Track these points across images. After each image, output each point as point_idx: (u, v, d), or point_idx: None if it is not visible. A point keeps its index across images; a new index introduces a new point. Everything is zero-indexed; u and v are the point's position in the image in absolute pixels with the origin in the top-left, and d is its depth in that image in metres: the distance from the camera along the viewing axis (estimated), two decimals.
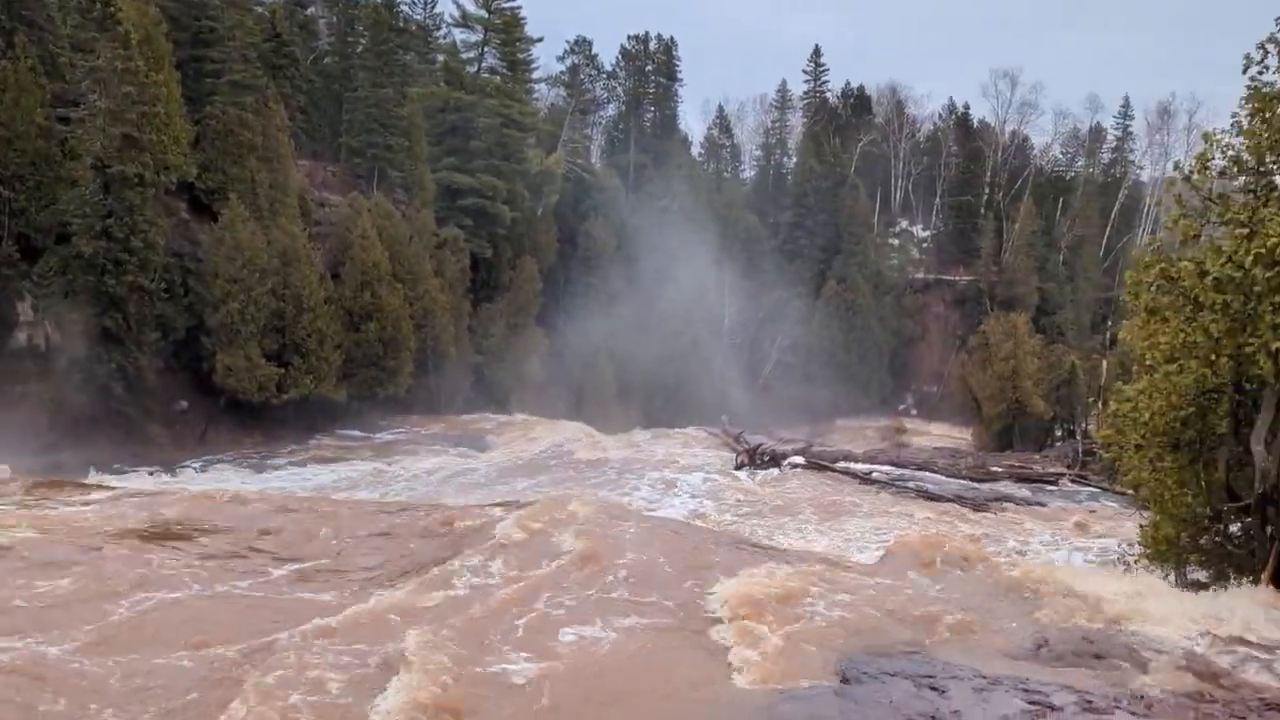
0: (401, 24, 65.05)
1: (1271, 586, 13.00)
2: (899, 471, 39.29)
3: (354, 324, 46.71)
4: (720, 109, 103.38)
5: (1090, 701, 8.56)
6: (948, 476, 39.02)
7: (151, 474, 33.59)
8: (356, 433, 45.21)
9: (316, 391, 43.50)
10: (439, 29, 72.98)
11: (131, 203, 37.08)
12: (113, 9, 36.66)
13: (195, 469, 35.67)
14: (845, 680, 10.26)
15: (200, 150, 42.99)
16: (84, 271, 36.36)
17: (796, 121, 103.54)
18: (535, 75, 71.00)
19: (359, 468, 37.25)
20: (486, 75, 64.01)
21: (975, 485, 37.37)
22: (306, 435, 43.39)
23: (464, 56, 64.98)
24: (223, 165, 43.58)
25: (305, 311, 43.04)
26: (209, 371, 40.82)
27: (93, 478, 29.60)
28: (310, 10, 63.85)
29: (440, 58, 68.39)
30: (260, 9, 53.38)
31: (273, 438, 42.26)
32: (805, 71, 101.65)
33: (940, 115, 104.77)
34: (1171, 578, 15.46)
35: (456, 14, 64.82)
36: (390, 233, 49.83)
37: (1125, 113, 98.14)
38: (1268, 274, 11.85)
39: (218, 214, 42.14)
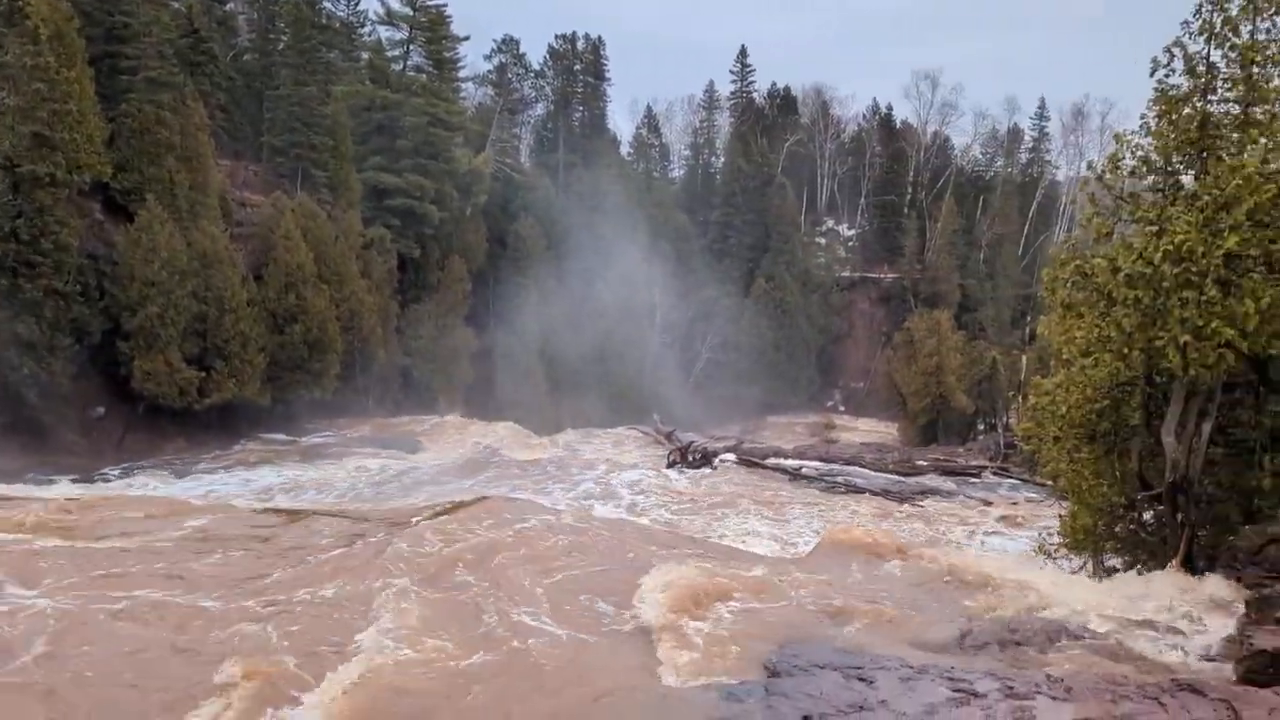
0: (324, 21, 63.94)
1: (1182, 571, 13.51)
2: (828, 467, 39.90)
3: (278, 326, 45.83)
4: (649, 109, 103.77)
5: (1012, 688, 8.80)
6: (875, 471, 39.72)
7: (74, 481, 32.54)
8: (282, 436, 44.36)
9: (240, 395, 42.60)
10: (363, 26, 71.91)
11: (42, 203, 35.88)
12: (21, 3, 35.38)
13: (113, 477, 34.66)
14: (774, 674, 10.40)
15: (115, 149, 41.69)
16: None
17: (724, 122, 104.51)
18: (462, 74, 70.57)
19: (284, 472, 36.56)
20: (412, 74, 63.32)
21: (902, 479, 38.11)
22: (230, 440, 42.44)
23: (389, 55, 64.21)
24: (139, 165, 42.32)
25: (227, 314, 42.10)
26: (127, 376, 39.69)
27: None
28: (229, 6, 62.39)
29: (365, 55, 67.46)
30: (177, 4, 51.98)
31: (195, 443, 41.25)
32: (732, 72, 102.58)
33: (864, 116, 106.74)
34: (1089, 565, 15.97)
35: (381, 11, 64.21)
36: (315, 233, 48.98)
37: (1041, 114, 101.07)
38: (1175, 270, 12.30)
39: (134, 215, 40.96)
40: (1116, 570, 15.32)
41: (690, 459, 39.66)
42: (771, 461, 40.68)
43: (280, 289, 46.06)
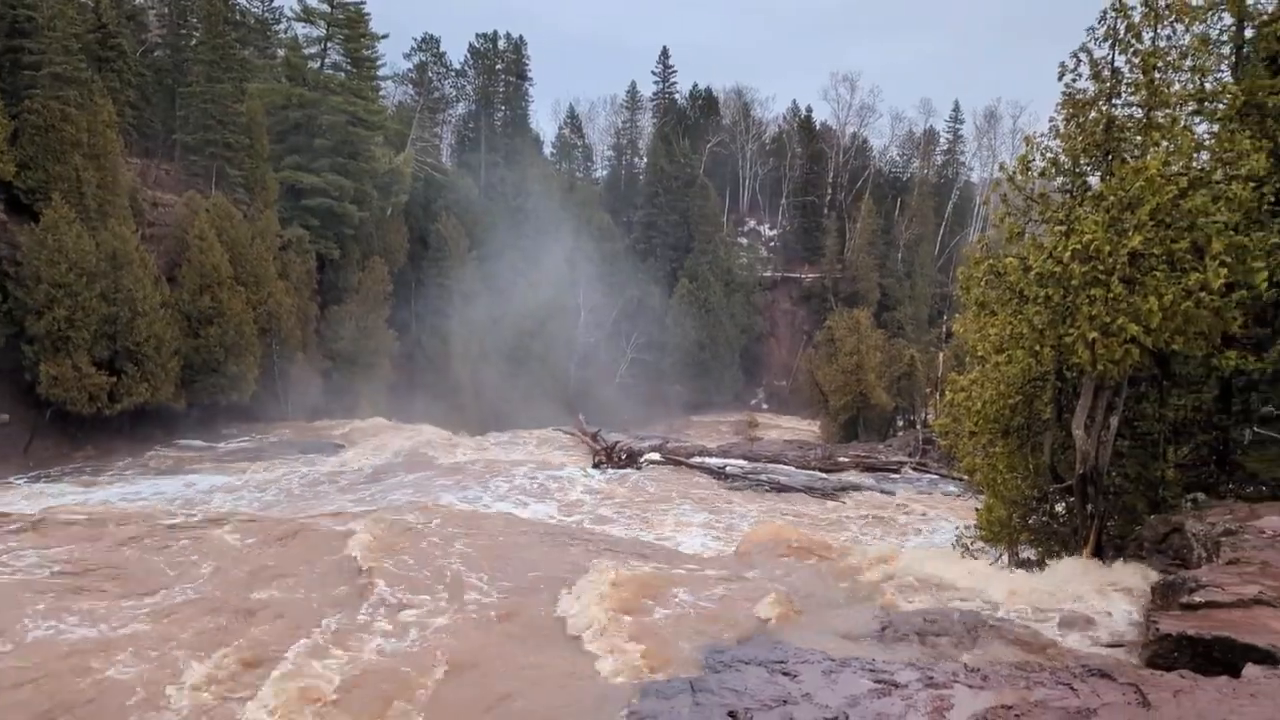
0: (238, 17, 62.58)
1: (1092, 560, 13.95)
2: (752, 465, 40.33)
3: (193, 329, 44.69)
4: (571, 109, 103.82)
5: (931, 677, 9.00)
6: (798, 468, 40.25)
7: None
8: (198, 442, 43.23)
9: (153, 400, 41.45)
10: (279, 23, 70.51)
11: None
12: None
13: (19, 485, 33.42)
14: (701, 669, 10.49)
15: (18, 147, 40.21)
16: None
17: (647, 122, 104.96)
18: (382, 73, 69.44)
19: (199, 479, 35.60)
20: (330, 72, 62.20)
21: (824, 476, 38.69)
22: (143, 446, 41.21)
23: (306, 52, 62.95)
24: (44, 163, 40.86)
25: (139, 316, 40.89)
26: (33, 382, 38.33)
27: None
28: (138, 0, 60.57)
29: (281, 53, 66.08)
30: None
31: (105, 450, 39.98)
32: (654, 74, 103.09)
33: (784, 118, 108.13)
34: (1005, 557, 16.40)
35: (297, 8, 62.71)
36: (231, 234, 47.83)
37: (956, 117, 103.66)
38: (1083, 268, 12.70)
39: (39, 215, 39.55)
40: (1031, 561, 15.76)
41: (616, 459, 39.70)
42: (696, 460, 40.94)
43: (195, 291, 44.94)
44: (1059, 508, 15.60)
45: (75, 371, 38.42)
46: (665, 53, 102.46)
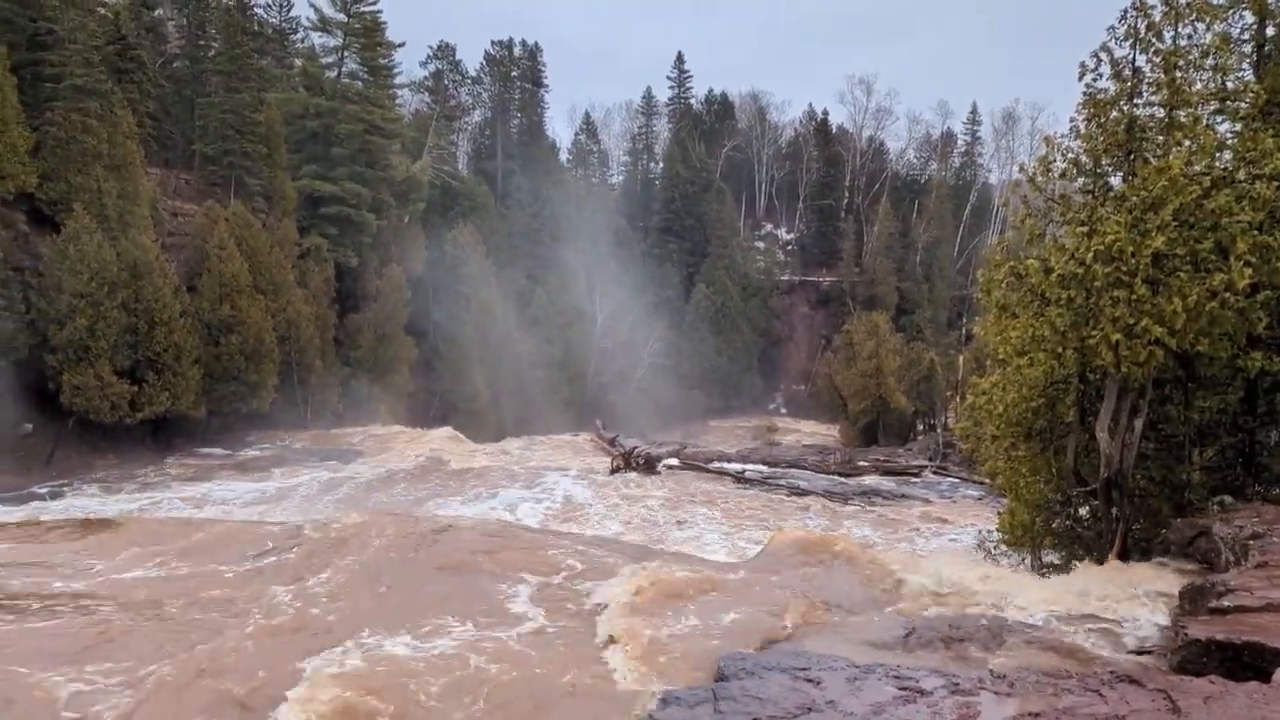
0: (256, 27, 62.97)
1: (1118, 565, 13.80)
2: (771, 470, 40.19)
3: (213, 338, 44.95)
4: (587, 115, 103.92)
5: (957, 684, 8.90)
6: (817, 473, 40.10)
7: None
8: (218, 450, 43.47)
9: (174, 409, 41.70)
10: (296, 33, 71.04)
11: None
12: None
13: (43, 495, 33.65)
14: (722, 677, 10.41)
15: (40, 159, 40.57)
16: None
17: (662, 128, 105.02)
18: (398, 81, 69.88)
19: (219, 487, 35.75)
20: (347, 81, 62.55)
21: (844, 480, 38.52)
22: (164, 455, 41.50)
23: (323, 61, 63.40)
24: (65, 174, 41.23)
25: (159, 326, 41.16)
26: (55, 391, 38.62)
27: None
28: (158, 12, 61.10)
29: (298, 62, 66.55)
30: (103, 10, 50.76)
31: (128, 459, 40.24)
32: (670, 78, 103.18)
33: (800, 121, 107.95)
34: (1028, 561, 16.25)
35: (314, 18, 63.14)
36: (250, 242, 48.13)
37: (974, 118, 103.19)
38: (1106, 270, 12.59)
39: (61, 225, 39.91)
40: (1055, 565, 15.61)
41: (634, 465, 39.62)
42: (715, 465, 40.85)
43: (215, 300, 45.20)
44: (1083, 511, 15.45)
45: (97, 381, 38.69)
46: (680, 58, 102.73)
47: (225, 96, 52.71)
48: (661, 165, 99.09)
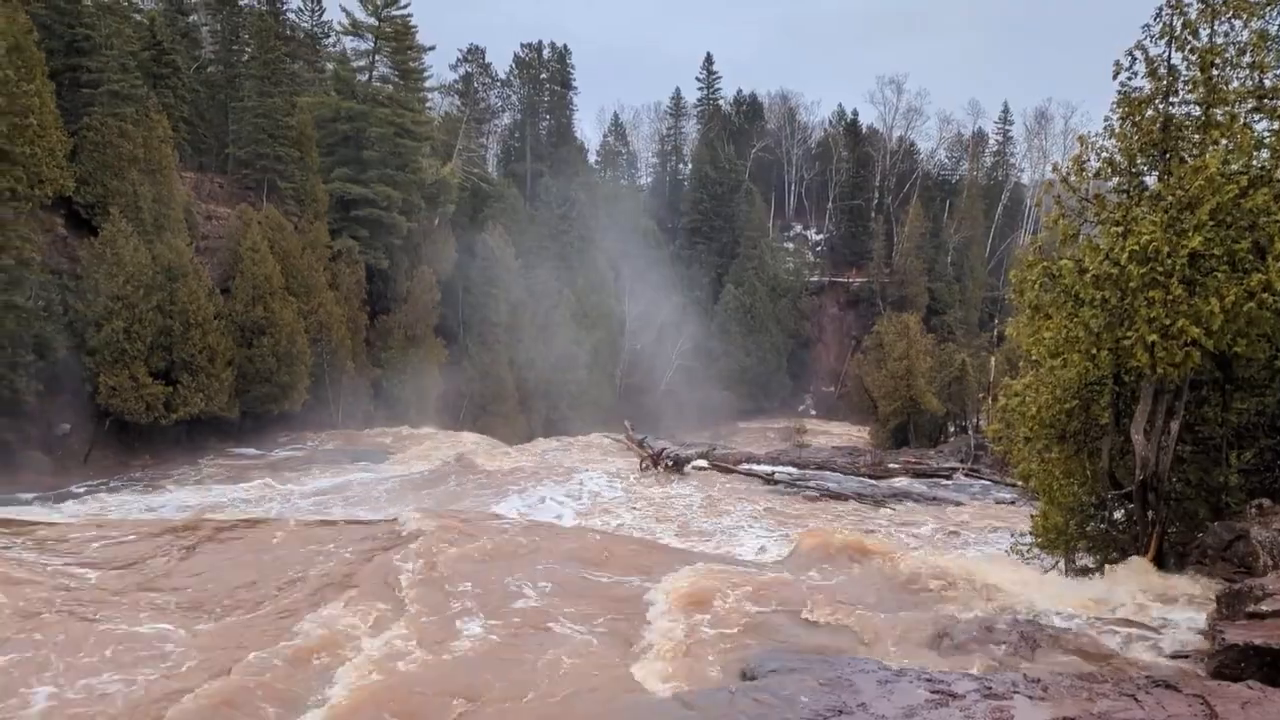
0: (288, 32, 63.63)
1: (1154, 568, 13.65)
2: (801, 471, 40.01)
3: (246, 339, 45.46)
4: (615, 117, 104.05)
5: (990, 688, 8.85)
6: (847, 474, 39.88)
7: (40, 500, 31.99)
8: (251, 451, 43.91)
9: (208, 410, 42.21)
10: (327, 37, 71.64)
11: (2, 218, 35.42)
12: None
13: (80, 494, 34.12)
14: (752, 678, 10.41)
15: (78, 163, 41.22)
16: None
17: (691, 129, 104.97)
18: (428, 84, 70.25)
19: (251, 487, 36.04)
20: (378, 84, 63.00)
21: (874, 482, 38.27)
22: (198, 455, 41.98)
23: (354, 65, 63.86)
24: (102, 178, 41.88)
25: (194, 328, 41.69)
26: (92, 392, 39.20)
27: None
28: (192, 18, 61.86)
29: (330, 66, 67.11)
30: (139, 16, 51.49)
31: (162, 459, 40.77)
32: (698, 79, 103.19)
33: (830, 122, 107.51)
34: (1062, 564, 16.09)
35: (345, 22, 63.63)
36: (282, 245, 48.64)
37: (1005, 118, 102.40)
38: (1141, 270, 12.45)
39: (98, 229, 40.52)
40: (1089, 569, 15.45)
41: (663, 466, 39.61)
42: (744, 467, 40.72)
43: (248, 301, 45.71)
44: (1118, 514, 15.28)
45: (133, 382, 39.23)
46: (709, 59, 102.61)
47: (258, 101, 53.30)
48: (690, 166, 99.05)
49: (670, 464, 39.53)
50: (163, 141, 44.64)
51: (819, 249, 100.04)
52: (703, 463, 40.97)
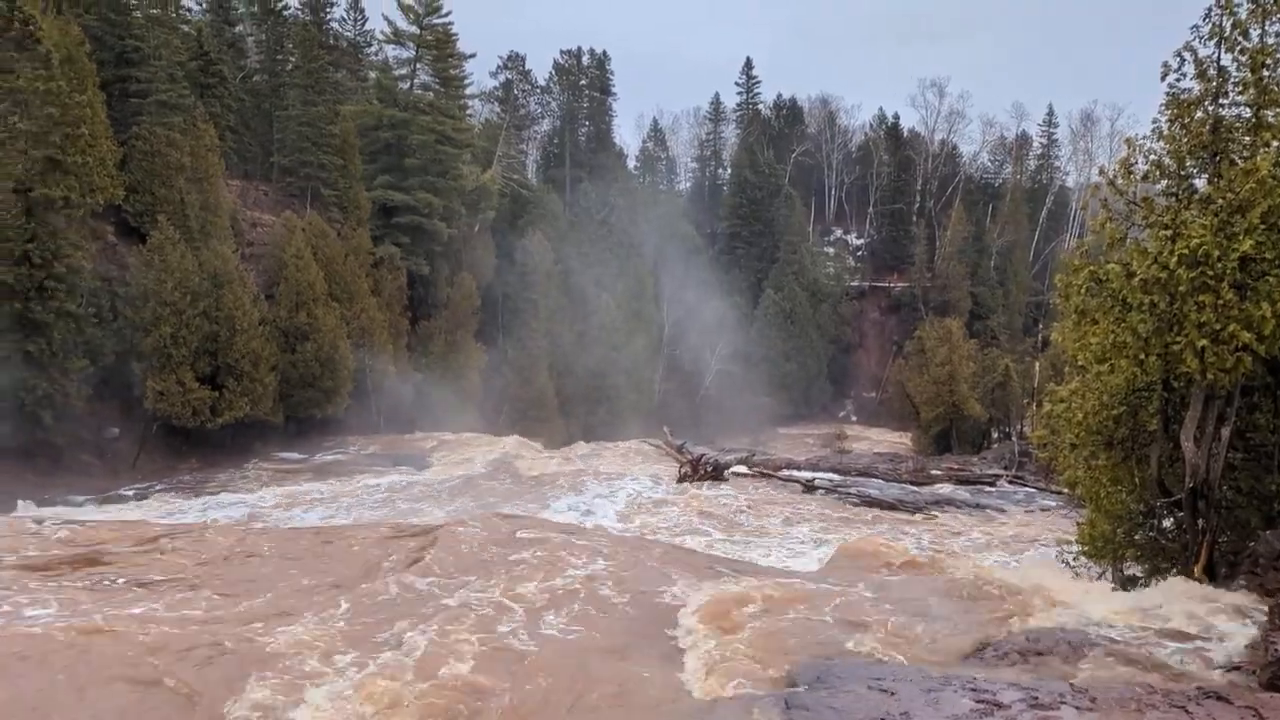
0: (331, 41, 64.42)
1: (1204, 578, 13.39)
2: (841, 478, 39.74)
3: (290, 345, 46.04)
4: (655, 122, 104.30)
5: (1036, 698, 8.73)
6: (889, 481, 39.53)
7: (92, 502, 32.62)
8: (295, 454, 44.45)
9: (252, 414, 42.78)
10: (370, 46, 72.59)
11: (55, 226, 36.20)
12: (33, 29, 35.69)
13: (129, 497, 34.73)
14: (796, 687, 10.35)
15: (127, 172, 42.06)
16: (6, 298, 35.24)
17: (730, 134, 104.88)
18: (469, 91, 70.78)
19: (297, 490, 36.51)
20: (420, 92, 63.59)
21: (916, 489, 37.90)
22: (243, 459, 42.55)
23: (396, 73, 64.52)
24: (151, 186, 42.70)
25: (239, 333, 42.30)
26: (140, 397, 39.89)
27: (22, 511, 28.78)
28: (238, 29, 62.88)
29: (372, 75, 67.87)
30: (186, 28, 52.45)
31: (208, 462, 41.38)
32: (738, 84, 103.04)
33: (871, 125, 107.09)
34: (1109, 573, 15.83)
35: (388, 31, 64.36)
36: (325, 252, 49.24)
37: (1050, 120, 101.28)
38: (1191, 274, 12.23)
39: (146, 236, 41.28)
40: (1137, 578, 15.19)
41: (702, 471, 39.53)
42: (784, 473, 40.53)
43: (291, 307, 46.31)
44: (1167, 523, 15.00)
45: (179, 386, 39.87)
46: (749, 64, 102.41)
47: (302, 109, 54.05)
48: (729, 171, 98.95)
49: (709, 470, 39.44)
50: (209, 150, 45.41)
51: (859, 253, 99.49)
52: (742, 469, 40.86)
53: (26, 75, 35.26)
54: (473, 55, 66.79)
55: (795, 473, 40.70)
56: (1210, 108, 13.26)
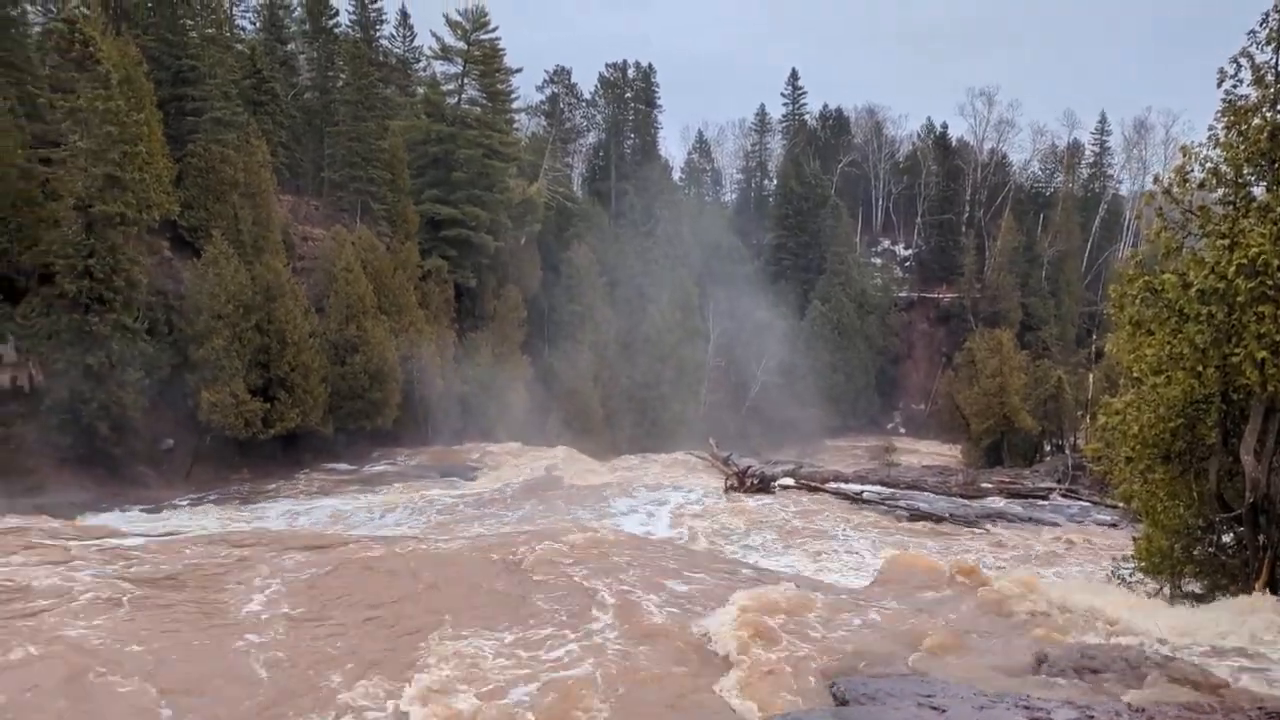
0: (381, 58, 65.34)
1: (1265, 595, 13.04)
2: (890, 491, 39.25)
3: (339, 357, 46.62)
4: (700, 134, 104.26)
5: (1092, 716, 8.55)
6: (938, 494, 39.00)
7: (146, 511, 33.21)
8: (344, 465, 44.94)
9: (303, 425, 43.34)
10: (418, 62, 73.53)
11: (114, 242, 37.00)
12: (92, 49, 36.64)
13: (183, 507, 35.31)
14: (843, 702, 10.23)
15: (183, 188, 42.99)
16: (67, 311, 36.17)
17: (776, 144, 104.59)
18: (515, 105, 71.34)
19: (347, 501, 36.88)
20: (467, 106, 64.19)
21: (966, 502, 37.36)
22: (294, 469, 43.11)
23: (444, 89, 65.22)
24: (205, 202, 43.61)
25: (290, 346, 42.92)
26: (194, 408, 40.58)
27: (80, 520, 29.32)
28: (290, 46, 64.01)
29: (420, 90, 68.68)
30: (240, 46, 53.53)
31: (260, 473, 41.96)
32: (783, 95, 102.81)
33: (918, 135, 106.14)
34: (1167, 590, 15.48)
35: (436, 47, 65.10)
36: (374, 265, 49.86)
37: (1102, 128, 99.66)
38: (1250, 284, 11.96)
39: (201, 251, 42.09)
40: (1196, 594, 14.84)
41: (749, 484, 39.28)
42: (832, 486, 40.14)
43: (341, 320, 46.91)
44: (1227, 538, 14.65)
45: (232, 398, 40.50)
46: (795, 74, 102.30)
47: (352, 125, 54.84)
48: (775, 182, 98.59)
49: (756, 482, 39.20)
50: (262, 166, 46.26)
51: (907, 264, 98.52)
52: (789, 481, 40.53)
53: (86, 95, 36.19)
54: (519, 70, 67.42)
55: (843, 485, 40.25)
56: (1268, 114, 12.98)
